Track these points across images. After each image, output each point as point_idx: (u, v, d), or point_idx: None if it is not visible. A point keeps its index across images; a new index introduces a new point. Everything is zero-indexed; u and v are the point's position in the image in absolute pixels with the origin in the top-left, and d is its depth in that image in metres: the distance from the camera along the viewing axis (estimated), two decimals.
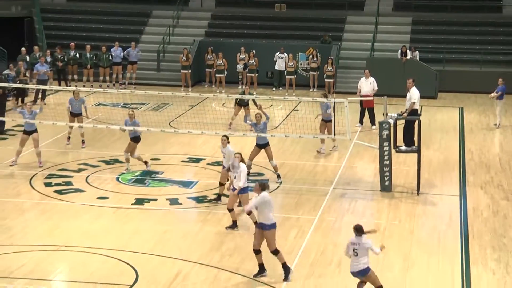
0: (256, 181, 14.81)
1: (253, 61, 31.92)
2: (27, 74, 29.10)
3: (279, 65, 32.26)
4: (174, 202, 18.47)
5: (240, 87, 32.41)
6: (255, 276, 14.25)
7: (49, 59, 30.81)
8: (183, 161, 21.98)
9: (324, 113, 22.32)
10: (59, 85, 30.53)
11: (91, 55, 32.22)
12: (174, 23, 35.54)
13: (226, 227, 16.69)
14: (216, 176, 19.92)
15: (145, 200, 18.45)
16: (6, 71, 29.54)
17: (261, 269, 14.26)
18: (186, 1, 36.87)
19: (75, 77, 32.09)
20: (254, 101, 24.50)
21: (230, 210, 16.67)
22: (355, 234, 12.91)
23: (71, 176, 20.09)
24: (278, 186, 19.77)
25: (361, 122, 26.18)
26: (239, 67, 32.34)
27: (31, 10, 36.45)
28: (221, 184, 18.29)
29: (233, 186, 16.67)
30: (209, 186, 19.57)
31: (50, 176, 20.11)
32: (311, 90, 32.10)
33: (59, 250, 15.34)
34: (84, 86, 30.57)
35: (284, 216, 17.56)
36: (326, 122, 22.30)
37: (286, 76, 32.07)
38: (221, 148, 18.16)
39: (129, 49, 32.48)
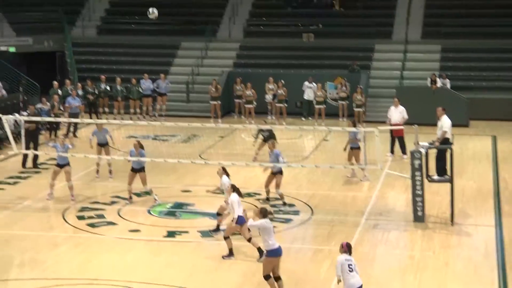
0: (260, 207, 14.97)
1: (282, 91, 31.96)
2: (61, 108, 29.33)
3: (308, 94, 32.29)
4: (205, 234, 18.38)
5: (269, 117, 32.44)
6: None
7: (80, 92, 31.10)
8: (214, 192, 21.92)
9: (353, 139, 22.32)
10: (90, 118, 30.80)
11: (122, 88, 32.50)
12: (202, 54, 35.77)
13: (223, 256, 16.62)
14: (246, 207, 19.84)
15: (176, 233, 18.43)
16: (39, 105, 29.83)
17: None
18: (215, 32, 37.09)
19: (106, 109, 32.36)
20: (273, 134, 24.33)
21: (226, 238, 16.68)
22: (346, 252, 13.16)
23: (104, 209, 20.15)
24: (310, 218, 19.67)
25: (392, 151, 26.04)
26: (268, 97, 32.40)
27: (63, 44, 36.87)
28: (218, 214, 18.27)
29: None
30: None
31: (82, 209, 20.20)
32: (341, 119, 32.05)
33: (93, 284, 15.33)
34: (114, 119, 30.81)
35: (316, 248, 17.45)
36: (353, 149, 22.27)
37: (315, 106, 32.07)
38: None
39: (159, 80, 32.73)
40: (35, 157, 24.34)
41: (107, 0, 39.72)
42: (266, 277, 14.36)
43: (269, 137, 24.30)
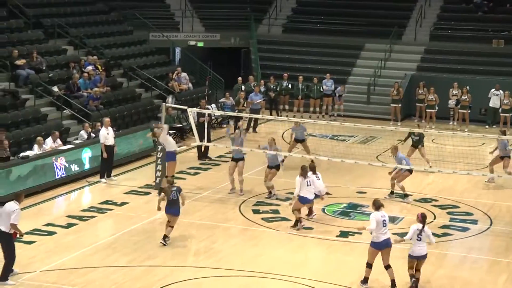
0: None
1: (466, 97, 31.05)
2: (245, 105, 29.87)
3: (494, 102, 31.16)
4: None
5: (451, 123, 31.66)
6: None
7: (262, 88, 31.64)
8: (389, 195, 21.70)
9: (503, 150, 22.43)
10: (271, 114, 31.25)
11: (303, 86, 32.75)
12: (386, 56, 35.36)
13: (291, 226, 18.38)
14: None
15: (349, 233, 18.36)
16: (222, 99, 30.67)
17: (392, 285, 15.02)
18: (400, 34, 36.57)
19: (286, 107, 32.71)
20: (422, 139, 23.92)
21: (294, 210, 18.41)
22: (421, 222, 14.85)
23: (278, 205, 20.37)
24: (488, 228, 19.01)
25: None
26: (451, 102, 31.59)
27: (249, 41, 37.67)
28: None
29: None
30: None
31: (258, 203, 20.53)
32: None
33: (264, 277, 15.57)
34: (294, 116, 31.08)
35: (493, 259, 16.87)
36: (503, 158, 22.45)
37: (501, 114, 30.89)
38: None
39: (338, 88, 32.68)
40: (206, 148, 24.90)
41: None
42: (367, 265, 15.09)
43: (419, 141, 23.76)
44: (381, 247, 14.93)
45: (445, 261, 16.88)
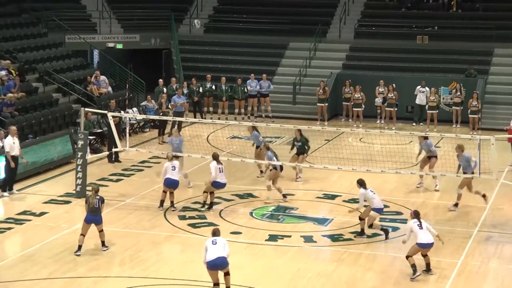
0: None
1: (392, 94, 30.91)
2: (169, 106, 29.01)
3: (420, 99, 31.10)
4: (308, 239, 17.85)
5: (378, 121, 31.50)
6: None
7: (185, 91, 30.91)
8: (318, 197, 21.32)
9: (428, 151, 21.99)
10: (195, 117, 30.54)
11: (227, 87, 32.13)
12: (311, 55, 35.05)
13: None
14: (352, 214, 19.16)
15: (278, 237, 17.93)
16: (143, 103, 29.84)
17: None
18: (324, 32, 36.31)
19: (211, 109, 32.07)
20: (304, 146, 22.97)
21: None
22: (361, 187, 17.74)
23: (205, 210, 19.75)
24: None
25: None
26: (378, 100, 31.42)
27: (170, 42, 36.88)
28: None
29: None
30: (344, 224, 18.80)
31: (184, 209, 19.86)
32: (454, 126, 30.64)
33: (192, 285, 15.04)
34: (219, 118, 30.47)
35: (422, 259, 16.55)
36: (430, 158, 21.94)
37: (427, 111, 30.84)
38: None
39: (261, 81, 32.18)
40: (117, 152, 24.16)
41: None
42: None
43: (301, 148, 22.77)
44: None
45: (375, 262, 16.57)
